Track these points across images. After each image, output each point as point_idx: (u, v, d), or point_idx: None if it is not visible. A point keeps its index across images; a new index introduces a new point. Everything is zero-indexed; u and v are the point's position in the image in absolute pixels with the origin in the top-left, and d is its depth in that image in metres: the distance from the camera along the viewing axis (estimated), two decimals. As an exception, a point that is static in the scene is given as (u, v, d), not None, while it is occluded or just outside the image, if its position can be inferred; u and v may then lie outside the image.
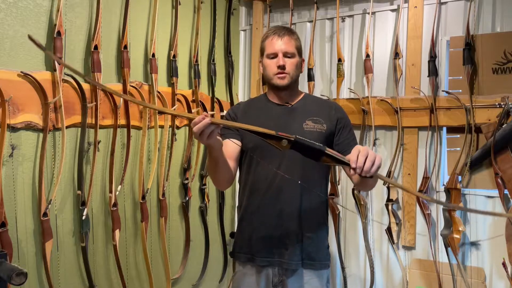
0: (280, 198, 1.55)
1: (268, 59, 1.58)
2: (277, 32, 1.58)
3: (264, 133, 1.22)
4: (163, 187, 2.28)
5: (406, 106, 2.42)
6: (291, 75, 1.57)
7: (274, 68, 1.56)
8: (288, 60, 1.56)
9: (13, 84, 1.55)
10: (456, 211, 2.24)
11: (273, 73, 1.57)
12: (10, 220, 1.55)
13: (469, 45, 2.23)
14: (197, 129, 1.21)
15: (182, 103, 2.43)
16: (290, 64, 1.56)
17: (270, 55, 1.57)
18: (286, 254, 1.56)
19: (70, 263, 1.83)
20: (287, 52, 1.55)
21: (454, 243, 2.23)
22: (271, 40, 1.57)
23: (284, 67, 1.54)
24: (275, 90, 1.63)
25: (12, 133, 1.56)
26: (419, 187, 2.38)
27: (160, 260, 2.34)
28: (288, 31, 1.59)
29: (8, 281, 1.31)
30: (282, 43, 1.55)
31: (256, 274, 1.60)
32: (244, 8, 3.07)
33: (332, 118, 1.60)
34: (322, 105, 1.67)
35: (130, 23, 2.05)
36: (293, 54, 1.57)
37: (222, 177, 1.53)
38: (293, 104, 1.63)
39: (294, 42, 1.58)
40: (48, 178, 1.71)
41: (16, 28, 1.58)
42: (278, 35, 1.56)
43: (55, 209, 1.75)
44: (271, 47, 1.56)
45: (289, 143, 1.22)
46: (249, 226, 1.62)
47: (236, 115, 1.65)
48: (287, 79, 1.56)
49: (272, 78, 1.58)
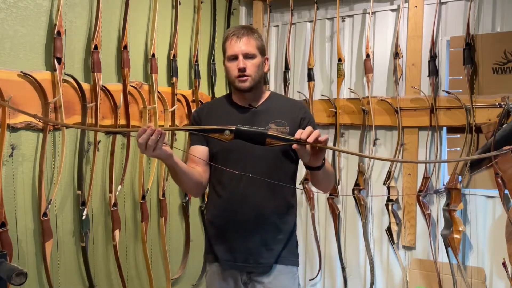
0: (245, 202, 1.52)
1: (229, 62, 1.53)
2: (236, 33, 1.52)
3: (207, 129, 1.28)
4: (163, 187, 2.28)
5: (406, 106, 2.42)
6: (253, 77, 1.51)
7: (235, 71, 1.51)
8: (249, 61, 1.50)
9: (13, 84, 1.55)
10: (457, 211, 2.24)
11: (234, 76, 1.52)
12: (10, 220, 1.55)
13: (469, 45, 2.23)
14: (142, 140, 1.23)
15: (182, 103, 2.43)
16: (250, 66, 1.50)
17: (230, 57, 1.52)
18: (250, 259, 1.54)
19: (70, 263, 1.83)
20: (247, 54, 1.50)
21: (454, 243, 2.23)
22: (230, 42, 1.52)
23: (245, 69, 1.49)
24: (238, 92, 1.60)
25: (12, 133, 1.56)
26: (419, 187, 2.38)
27: (160, 260, 2.33)
28: (247, 31, 1.53)
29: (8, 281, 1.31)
30: (241, 44, 1.50)
31: (223, 274, 1.58)
32: (244, 8, 3.07)
33: (295, 118, 1.57)
34: (287, 106, 1.63)
35: (130, 23, 2.05)
36: (253, 55, 1.51)
37: (186, 185, 1.51)
38: (256, 107, 1.59)
39: (254, 41, 1.52)
40: (48, 178, 1.71)
41: (16, 28, 1.58)
42: (237, 36, 1.51)
43: (55, 209, 1.75)
44: (231, 49, 1.51)
45: (231, 132, 1.27)
46: (215, 228, 1.60)
47: (200, 118, 1.62)
48: (248, 82, 1.51)
49: (234, 81, 1.53)
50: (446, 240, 2.26)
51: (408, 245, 2.46)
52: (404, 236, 2.47)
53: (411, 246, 2.46)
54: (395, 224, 2.46)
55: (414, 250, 2.47)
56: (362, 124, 2.54)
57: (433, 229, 2.38)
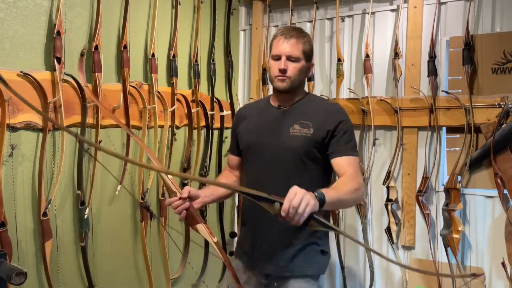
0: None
1: (272, 60, 1.54)
2: (285, 33, 1.52)
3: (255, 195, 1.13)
4: (163, 187, 2.28)
5: (405, 106, 2.42)
6: (292, 79, 1.51)
7: (275, 71, 1.52)
8: (291, 64, 1.50)
9: (13, 84, 1.55)
10: (456, 211, 2.25)
11: (274, 75, 1.53)
12: (9, 219, 1.55)
13: (468, 45, 2.23)
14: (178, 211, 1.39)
15: (182, 103, 2.43)
16: (292, 68, 1.50)
17: (274, 57, 1.53)
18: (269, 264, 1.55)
19: (69, 263, 1.83)
20: (291, 56, 1.50)
21: (454, 243, 2.23)
22: (277, 41, 1.52)
23: (286, 71, 1.50)
24: (276, 92, 1.63)
25: (11, 133, 1.56)
26: (419, 187, 2.38)
27: (160, 260, 2.34)
28: (297, 33, 1.53)
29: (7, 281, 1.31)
30: (287, 46, 1.49)
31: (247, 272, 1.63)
32: (244, 8, 3.07)
33: (327, 121, 1.53)
34: (320, 108, 1.60)
35: (130, 23, 2.05)
36: (297, 58, 1.51)
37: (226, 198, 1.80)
38: (286, 107, 1.60)
39: (302, 46, 1.51)
40: (48, 178, 1.71)
41: (16, 28, 1.58)
42: (285, 37, 1.50)
43: (55, 209, 1.75)
44: (277, 48, 1.52)
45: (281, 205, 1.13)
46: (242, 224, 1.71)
47: (238, 117, 1.72)
48: (286, 83, 1.51)
49: (273, 80, 1.55)
50: (446, 240, 2.26)
51: (407, 245, 2.47)
52: (403, 236, 2.47)
53: (411, 246, 2.46)
54: (394, 224, 2.46)
55: (413, 250, 2.47)
56: (361, 124, 2.54)
57: (432, 229, 2.38)
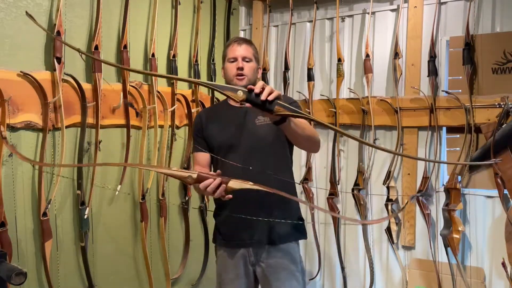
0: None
1: (228, 63, 1.75)
2: (237, 41, 1.79)
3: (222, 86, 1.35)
4: (163, 187, 2.28)
5: (405, 106, 2.42)
6: (249, 77, 1.73)
7: (233, 70, 1.73)
8: (247, 64, 1.74)
9: (13, 84, 1.55)
10: (456, 211, 2.25)
11: (233, 74, 1.73)
12: (9, 220, 1.55)
13: (468, 45, 2.23)
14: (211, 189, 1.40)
15: (182, 103, 2.43)
16: (248, 68, 1.73)
17: (230, 59, 1.75)
18: (255, 235, 1.72)
19: (69, 263, 1.83)
20: (245, 57, 1.74)
21: (454, 243, 2.23)
22: (232, 47, 1.77)
23: (243, 69, 1.72)
24: None
25: (11, 133, 1.56)
26: (419, 187, 2.38)
27: (160, 260, 2.33)
28: (246, 41, 1.81)
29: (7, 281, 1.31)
30: (241, 49, 1.75)
31: (233, 255, 1.76)
32: (244, 8, 3.07)
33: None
34: None
35: (130, 23, 2.05)
36: (250, 59, 1.75)
37: None
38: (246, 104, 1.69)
39: (252, 50, 1.78)
40: (48, 178, 1.71)
41: (16, 28, 1.58)
42: (238, 43, 1.76)
43: (55, 209, 1.75)
44: (232, 52, 1.75)
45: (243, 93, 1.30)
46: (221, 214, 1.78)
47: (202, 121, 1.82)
48: (245, 81, 1.71)
49: (232, 80, 1.73)
50: (446, 240, 2.26)
51: (407, 245, 2.47)
52: (403, 236, 2.47)
53: (411, 246, 2.46)
54: (394, 224, 2.46)
55: (413, 250, 2.47)
56: (361, 124, 2.54)
57: (432, 229, 2.38)
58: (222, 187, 1.41)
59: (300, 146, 1.72)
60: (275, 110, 1.29)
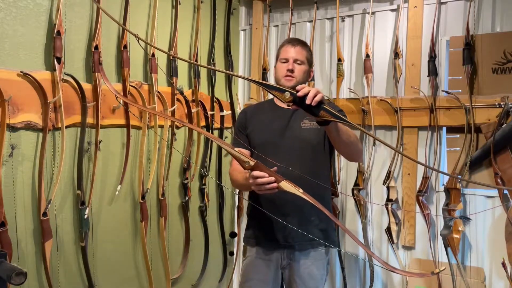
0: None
1: (280, 63, 1.78)
2: (291, 42, 1.81)
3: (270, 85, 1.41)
4: (163, 187, 2.28)
5: (406, 106, 2.42)
6: (298, 79, 1.74)
7: (283, 71, 1.75)
8: (298, 66, 1.76)
9: (13, 84, 1.55)
10: (456, 211, 2.25)
11: (282, 75, 1.76)
12: (9, 219, 1.55)
13: (469, 45, 2.23)
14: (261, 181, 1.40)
15: (182, 103, 2.43)
16: (298, 70, 1.75)
17: (282, 60, 1.78)
18: (289, 238, 1.73)
19: (69, 263, 1.83)
20: (297, 59, 1.76)
21: (454, 243, 2.23)
22: (285, 48, 1.79)
23: (293, 71, 1.74)
24: None
25: (11, 132, 1.56)
26: (419, 187, 2.38)
27: (160, 260, 2.34)
28: (301, 43, 1.82)
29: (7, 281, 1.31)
30: (294, 51, 1.77)
31: (266, 257, 1.78)
32: (244, 8, 3.07)
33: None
34: None
35: (130, 23, 2.05)
36: (302, 62, 1.77)
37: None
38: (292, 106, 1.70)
39: (305, 53, 1.79)
40: (48, 178, 1.71)
41: (16, 27, 1.58)
42: (292, 44, 1.78)
43: (55, 209, 1.75)
44: (284, 53, 1.78)
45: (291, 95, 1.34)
46: (257, 214, 1.77)
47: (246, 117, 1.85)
48: (293, 82, 1.72)
49: (280, 80, 1.76)
50: (446, 240, 2.26)
51: (407, 245, 2.47)
52: (403, 236, 2.47)
53: (411, 246, 2.46)
54: (394, 224, 2.46)
55: (413, 250, 2.47)
56: (361, 124, 2.54)
57: (432, 229, 2.38)
58: (274, 185, 1.39)
59: (341, 151, 1.72)
60: (321, 115, 1.33)
